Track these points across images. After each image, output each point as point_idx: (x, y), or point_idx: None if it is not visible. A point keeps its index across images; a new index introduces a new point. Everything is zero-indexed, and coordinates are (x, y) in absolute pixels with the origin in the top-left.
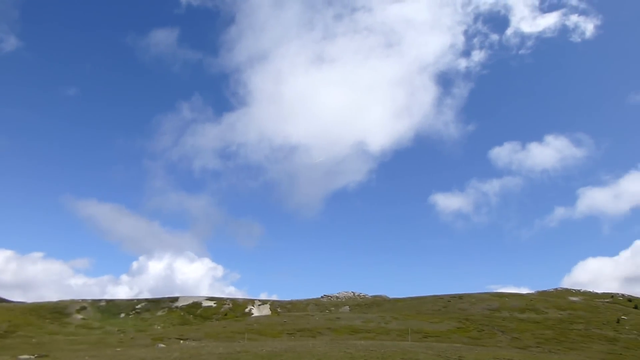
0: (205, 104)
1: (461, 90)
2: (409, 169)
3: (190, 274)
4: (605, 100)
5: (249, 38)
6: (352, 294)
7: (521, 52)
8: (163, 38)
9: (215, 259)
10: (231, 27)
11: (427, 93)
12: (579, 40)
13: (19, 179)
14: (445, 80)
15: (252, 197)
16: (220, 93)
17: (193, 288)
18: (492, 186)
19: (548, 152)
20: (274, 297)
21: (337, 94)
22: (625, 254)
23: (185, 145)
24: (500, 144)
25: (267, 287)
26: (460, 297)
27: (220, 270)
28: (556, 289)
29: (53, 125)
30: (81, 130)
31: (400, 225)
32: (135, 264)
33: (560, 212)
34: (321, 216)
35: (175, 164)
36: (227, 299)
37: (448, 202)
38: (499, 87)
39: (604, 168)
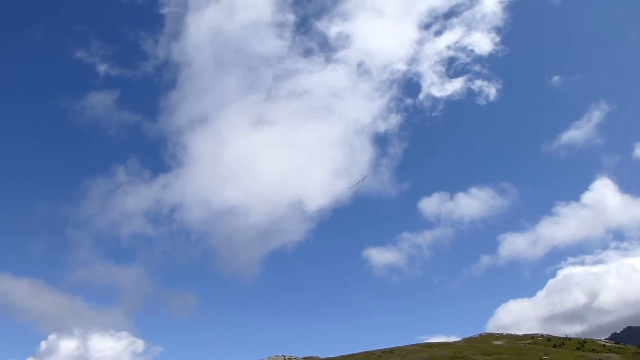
0: (142, 167)
1: (395, 149)
2: (345, 227)
3: (107, 351)
4: (522, 151)
5: (190, 102)
6: (282, 357)
7: (434, 114)
8: (100, 101)
9: (142, 332)
10: (172, 92)
11: (365, 153)
12: (485, 103)
13: None
14: (380, 141)
15: (187, 264)
16: (158, 155)
17: None
18: (424, 238)
19: (474, 203)
20: None
21: (276, 155)
22: (541, 294)
23: (113, 211)
24: (429, 194)
25: (193, 358)
26: (392, 351)
27: (140, 345)
28: (481, 335)
29: None
30: None
31: (335, 282)
32: (43, 344)
33: (485, 259)
34: (258, 280)
35: (102, 232)
36: None
37: (381, 256)
38: (421, 146)
39: (524, 215)
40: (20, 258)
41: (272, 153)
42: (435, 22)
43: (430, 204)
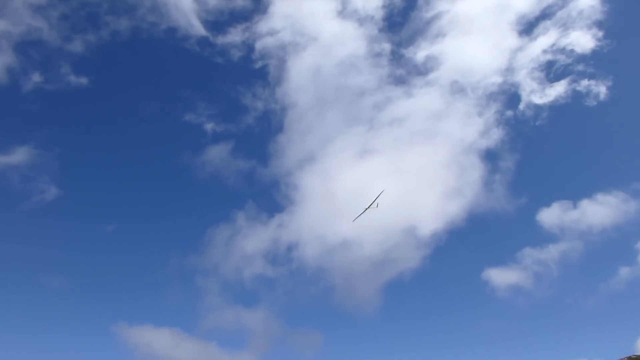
0: (259, 210)
1: (507, 163)
2: (462, 249)
3: None
4: None
5: (296, 143)
6: None
7: (538, 122)
8: (217, 154)
9: None
10: (280, 136)
11: (475, 172)
12: (595, 103)
13: (71, 316)
14: (489, 157)
15: (309, 301)
16: (272, 198)
17: None
18: (550, 253)
19: (603, 209)
20: None
21: (384, 183)
22: None
23: (236, 255)
24: (548, 205)
25: None
26: None
27: None
28: (630, 357)
29: (99, 259)
30: (136, 256)
31: (455, 307)
32: None
33: (624, 271)
34: (379, 312)
35: (228, 277)
36: None
37: (503, 276)
38: (532, 157)
39: None
40: (159, 309)
41: (380, 181)
42: (528, 28)
43: (551, 215)
